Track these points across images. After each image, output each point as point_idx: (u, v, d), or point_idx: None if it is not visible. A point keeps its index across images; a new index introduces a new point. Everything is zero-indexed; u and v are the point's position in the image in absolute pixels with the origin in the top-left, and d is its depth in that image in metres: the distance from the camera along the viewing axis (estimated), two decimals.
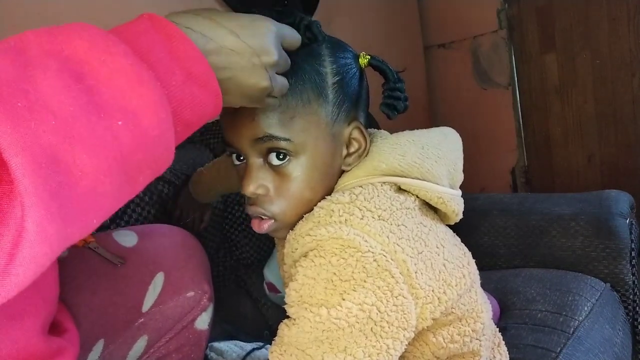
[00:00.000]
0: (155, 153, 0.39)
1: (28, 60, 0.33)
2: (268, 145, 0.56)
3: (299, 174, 0.57)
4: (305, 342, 0.52)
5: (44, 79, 0.33)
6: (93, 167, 0.34)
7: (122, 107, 0.36)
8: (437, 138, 0.65)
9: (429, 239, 0.58)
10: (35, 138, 0.31)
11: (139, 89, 0.36)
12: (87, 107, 0.34)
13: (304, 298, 0.53)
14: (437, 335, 0.60)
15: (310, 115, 0.56)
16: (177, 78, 0.40)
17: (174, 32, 0.41)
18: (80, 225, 0.35)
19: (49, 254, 0.33)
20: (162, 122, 0.38)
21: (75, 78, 0.34)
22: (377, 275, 0.52)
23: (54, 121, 0.32)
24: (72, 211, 0.34)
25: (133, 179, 0.38)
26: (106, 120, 0.35)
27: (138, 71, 0.37)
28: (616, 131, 1.86)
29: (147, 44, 0.39)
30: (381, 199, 0.57)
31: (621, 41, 1.78)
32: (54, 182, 0.32)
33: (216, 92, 0.43)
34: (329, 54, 0.58)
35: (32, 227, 0.31)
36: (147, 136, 0.37)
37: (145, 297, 0.76)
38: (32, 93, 0.32)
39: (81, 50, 0.35)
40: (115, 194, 0.37)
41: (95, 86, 0.35)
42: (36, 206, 0.31)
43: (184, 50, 0.41)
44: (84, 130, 0.33)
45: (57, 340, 0.59)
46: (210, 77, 0.42)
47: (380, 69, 0.63)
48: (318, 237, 0.54)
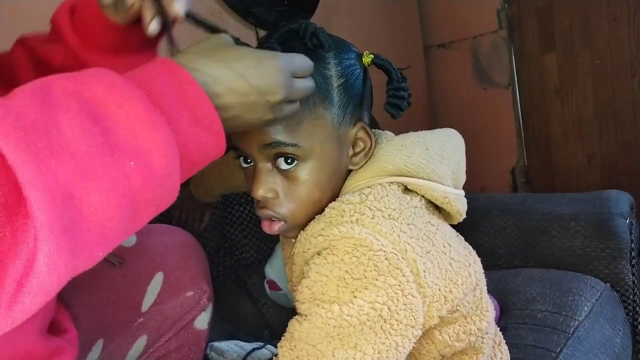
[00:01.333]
0: (161, 192, 0.41)
1: (52, 102, 0.36)
2: (276, 151, 0.57)
3: (307, 177, 0.58)
4: (316, 338, 0.53)
5: (65, 120, 0.36)
6: (103, 204, 0.36)
7: (135, 149, 0.38)
8: (440, 139, 0.65)
9: (437, 238, 0.59)
10: (54, 177, 0.34)
11: (151, 132, 0.39)
12: (103, 148, 0.37)
13: (316, 295, 0.54)
14: (443, 333, 0.61)
15: (316, 119, 0.57)
16: (185, 120, 0.43)
17: (184, 77, 0.44)
18: (87, 258, 0.37)
19: (56, 284, 0.35)
20: (170, 163, 0.41)
21: (93, 120, 0.37)
22: (388, 274, 0.53)
23: (72, 161, 0.35)
24: (81, 244, 0.36)
25: (139, 216, 0.40)
26: (119, 161, 0.37)
27: (152, 116, 0.40)
28: (616, 131, 1.86)
29: (160, 88, 0.42)
30: (390, 198, 0.58)
31: (621, 41, 1.78)
32: (66, 217, 0.34)
33: (220, 134, 0.45)
34: (333, 57, 0.59)
35: (42, 259, 0.33)
36: (156, 176, 0.40)
37: (144, 297, 0.76)
38: (54, 134, 0.35)
39: (100, 93, 0.38)
40: (121, 229, 0.39)
41: (111, 128, 0.38)
42: (49, 240, 0.33)
43: (193, 95, 0.44)
44: (98, 170, 0.36)
45: (56, 340, 0.59)
46: (214, 120, 0.45)
47: (383, 68, 0.63)
48: (330, 237, 0.55)
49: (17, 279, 0.33)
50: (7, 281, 0.33)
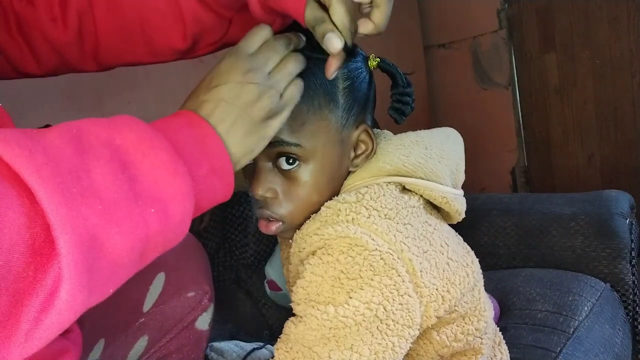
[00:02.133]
0: (172, 236, 0.44)
1: (85, 148, 0.39)
2: (278, 150, 0.56)
3: (307, 179, 0.58)
4: (311, 340, 0.53)
5: (96, 167, 0.38)
6: (122, 246, 0.38)
7: (157, 196, 0.41)
8: (439, 138, 0.65)
9: (434, 238, 0.59)
10: (84, 221, 0.36)
11: (173, 181, 0.42)
12: (128, 194, 0.39)
13: (311, 296, 0.54)
14: (440, 333, 0.61)
15: (320, 120, 0.57)
16: (202, 171, 0.45)
17: (207, 131, 0.47)
18: (100, 294, 0.39)
19: (71, 320, 0.37)
20: (185, 211, 0.43)
21: (121, 167, 0.40)
22: (384, 274, 0.53)
23: (100, 206, 0.37)
24: (98, 283, 0.38)
25: (146, 256, 0.43)
26: (142, 208, 0.40)
27: (175, 166, 0.42)
28: (616, 131, 1.86)
29: (183, 140, 0.45)
30: (387, 198, 0.58)
31: (621, 41, 1.78)
32: (89, 258, 0.36)
33: (230, 182, 0.48)
34: None
35: (64, 297, 0.35)
36: (170, 223, 0.42)
37: (145, 297, 0.76)
38: (86, 180, 0.37)
39: (129, 142, 0.41)
40: (129, 268, 0.41)
41: (137, 176, 0.40)
42: (72, 279, 0.35)
43: (212, 147, 0.46)
44: (123, 216, 0.38)
45: (60, 340, 0.59)
46: (228, 171, 0.47)
47: (389, 73, 0.63)
48: (326, 236, 0.55)
49: (34, 315, 0.34)
50: (23, 318, 0.34)
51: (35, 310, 0.35)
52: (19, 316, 0.34)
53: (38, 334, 0.35)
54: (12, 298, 0.34)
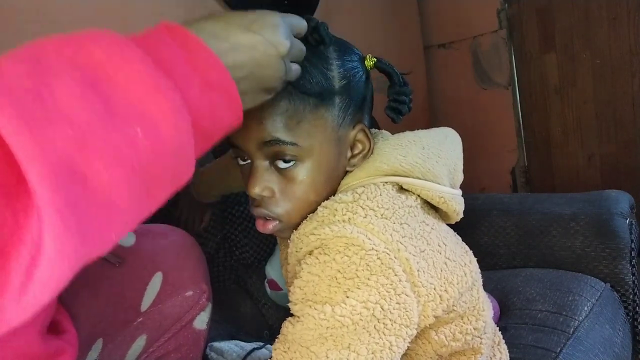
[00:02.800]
0: (174, 164, 0.37)
1: (45, 68, 0.33)
2: (275, 149, 0.56)
3: (304, 177, 0.58)
4: (309, 340, 0.53)
5: (60, 86, 0.32)
6: (110, 177, 0.33)
7: (139, 115, 0.34)
8: (437, 138, 0.65)
9: (431, 238, 0.59)
10: (53, 148, 0.30)
11: (155, 96, 0.35)
12: (103, 115, 0.33)
13: (308, 296, 0.54)
14: (439, 333, 0.61)
15: (317, 119, 0.57)
16: (195, 86, 0.39)
17: (191, 40, 0.40)
18: (99, 241, 0.34)
19: (66, 272, 0.32)
20: (181, 132, 0.37)
21: (91, 85, 0.33)
22: (380, 273, 0.53)
23: (70, 131, 0.31)
24: (91, 225, 0.32)
25: (152, 192, 0.37)
26: (123, 128, 0.33)
27: (154, 77, 0.36)
28: (616, 131, 1.86)
29: (164, 52, 0.38)
30: (384, 198, 0.58)
31: (621, 41, 1.78)
32: (71, 193, 0.31)
33: (235, 99, 0.42)
34: (336, 57, 0.58)
35: (50, 243, 0.30)
36: (166, 146, 0.36)
37: (143, 297, 0.76)
38: (49, 100, 0.31)
39: (97, 57, 0.35)
40: (135, 209, 0.35)
41: (111, 93, 0.34)
42: (54, 220, 0.29)
43: (202, 58, 0.40)
44: (99, 138, 0.32)
45: (56, 341, 0.59)
46: (229, 83, 0.41)
47: (386, 72, 0.63)
48: (322, 236, 0.55)
49: (24, 268, 0.29)
50: (13, 273, 0.29)
51: (25, 262, 0.29)
52: (8, 270, 0.29)
53: (32, 288, 0.30)
54: None
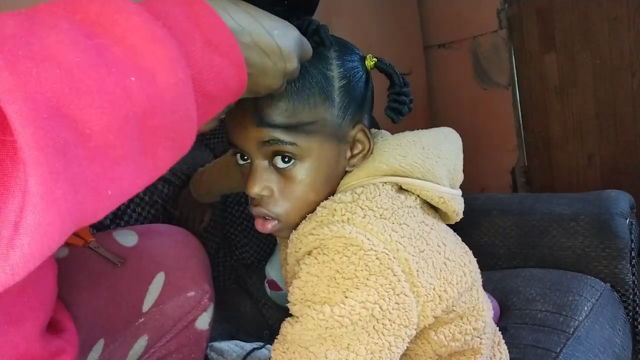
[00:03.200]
0: (173, 119, 0.35)
1: (36, 22, 0.31)
2: (274, 149, 0.56)
3: (303, 177, 0.58)
4: (308, 340, 0.52)
5: (51, 35, 0.30)
6: (102, 125, 0.30)
7: (135, 64, 0.33)
8: (437, 138, 0.65)
9: (430, 238, 0.59)
10: (37, 85, 0.28)
11: (152, 46, 0.33)
12: (97, 61, 0.31)
13: (307, 296, 0.54)
14: (438, 333, 0.61)
15: (316, 119, 0.56)
16: (196, 44, 0.37)
17: (196, 1, 0.39)
18: (92, 194, 0.31)
19: (57, 223, 0.29)
20: (180, 84, 0.35)
21: (85, 36, 0.32)
22: (379, 273, 0.53)
23: (58, 70, 0.29)
24: (82, 175, 0.30)
25: (151, 149, 0.35)
26: (117, 76, 0.32)
27: (151, 28, 0.34)
28: (616, 131, 1.86)
29: (164, 6, 0.37)
30: (383, 198, 0.58)
31: (621, 41, 1.78)
32: (58, 137, 0.28)
33: (239, 62, 0.40)
34: (336, 57, 0.58)
35: (35, 188, 0.27)
36: (164, 97, 0.34)
37: (145, 297, 0.76)
38: (37, 45, 0.29)
39: (93, 12, 0.33)
40: (132, 164, 0.33)
41: (106, 44, 0.32)
42: (38, 162, 0.27)
43: (205, 17, 0.38)
44: (91, 82, 0.30)
45: (56, 340, 0.59)
46: (232, 46, 0.39)
47: (386, 73, 0.63)
48: (321, 236, 0.55)
49: (13, 218, 0.27)
50: (1, 225, 0.27)
51: (14, 212, 0.27)
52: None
53: (19, 241, 0.27)
54: None
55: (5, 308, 0.49)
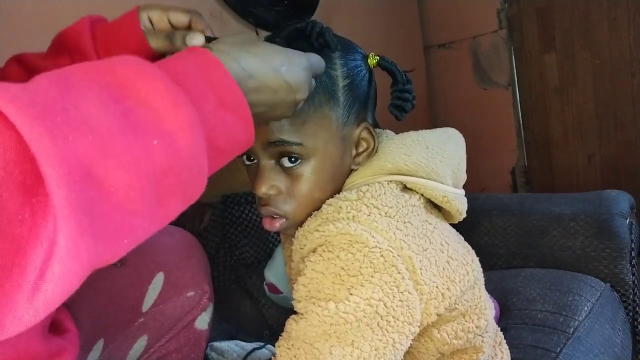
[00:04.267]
0: (187, 176, 0.39)
1: (71, 84, 0.35)
2: (280, 149, 0.57)
3: (309, 176, 0.58)
4: (313, 336, 0.53)
5: (85, 99, 0.34)
6: (125, 183, 0.34)
7: (158, 127, 0.36)
8: (441, 138, 0.66)
9: (434, 237, 0.59)
10: (73, 151, 0.32)
11: (174, 110, 0.37)
12: (125, 125, 0.35)
13: (312, 293, 0.54)
14: (441, 331, 0.61)
15: (321, 119, 0.57)
16: (210, 104, 0.41)
17: (210, 59, 0.43)
18: (111, 245, 0.35)
19: (79, 272, 0.33)
20: (196, 145, 0.38)
21: (113, 99, 0.35)
22: (384, 271, 0.54)
23: (91, 136, 0.33)
24: (103, 229, 0.33)
25: (165, 203, 0.38)
26: (142, 139, 0.35)
27: (174, 94, 0.38)
28: (616, 131, 1.86)
29: (184, 70, 0.41)
30: (387, 196, 0.58)
31: (621, 41, 1.78)
32: (87, 197, 0.32)
33: (248, 120, 0.44)
34: (339, 57, 0.59)
35: (63, 242, 0.31)
36: (181, 157, 0.37)
37: (145, 297, 0.76)
38: (72, 110, 0.33)
39: (121, 76, 0.37)
40: (147, 216, 0.37)
41: (132, 107, 0.36)
42: (68, 220, 0.30)
43: (217, 77, 0.42)
44: (119, 146, 0.34)
45: (57, 340, 0.59)
46: (241, 103, 0.43)
47: (389, 70, 0.64)
48: (326, 233, 0.55)
49: (39, 265, 0.30)
50: (29, 268, 0.30)
51: (41, 259, 0.30)
52: (24, 267, 0.30)
53: (44, 288, 0.31)
54: (11, 245, 0.30)
55: None
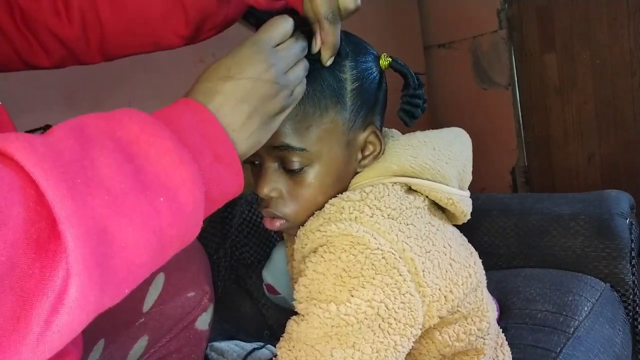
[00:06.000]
0: (187, 228, 0.42)
1: (87, 139, 0.37)
2: (284, 154, 0.56)
3: (312, 181, 0.58)
4: (314, 338, 0.53)
5: (100, 157, 0.37)
6: (135, 239, 0.36)
7: (165, 185, 0.39)
8: (448, 139, 0.65)
9: (437, 239, 0.59)
10: (91, 212, 0.34)
11: (179, 168, 0.40)
12: (136, 185, 0.37)
13: (313, 294, 0.54)
14: (443, 333, 0.61)
15: (326, 123, 0.56)
16: (206, 159, 0.43)
17: (207, 116, 0.45)
18: (114, 294, 0.37)
19: (84, 321, 0.35)
20: (196, 200, 0.41)
21: (126, 158, 0.38)
22: (385, 273, 0.53)
23: (107, 197, 0.35)
24: (110, 281, 0.36)
25: (165, 252, 0.41)
26: (150, 197, 0.38)
27: (180, 153, 0.41)
28: (616, 131, 1.86)
29: (184, 127, 0.43)
30: (391, 198, 0.58)
31: (621, 41, 1.78)
32: (100, 253, 0.34)
33: (239, 172, 0.46)
34: (350, 59, 0.58)
35: (74, 295, 0.33)
36: (183, 213, 0.40)
37: (145, 298, 0.76)
38: (90, 170, 0.36)
39: (132, 132, 0.40)
40: (148, 266, 0.39)
41: (143, 166, 0.39)
42: (82, 276, 0.33)
43: (212, 132, 0.45)
44: (131, 205, 0.37)
45: None
46: (233, 158, 0.45)
47: (401, 73, 0.63)
48: (328, 233, 0.55)
49: (45, 317, 0.32)
50: (33, 320, 0.32)
51: (46, 311, 0.32)
52: (29, 318, 0.32)
53: (50, 337, 0.33)
54: (19, 298, 0.32)
55: None
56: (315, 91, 0.55)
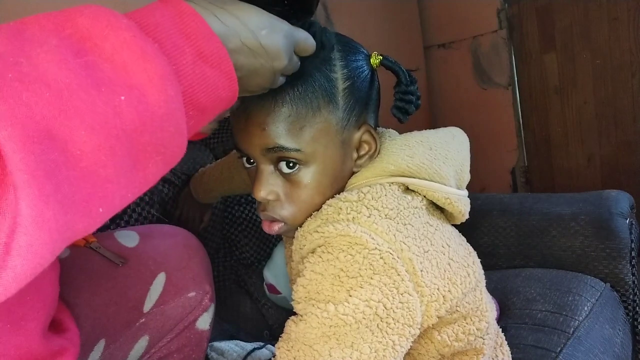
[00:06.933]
0: (164, 135, 0.35)
1: (26, 38, 0.31)
2: (278, 155, 0.56)
3: (309, 181, 0.58)
4: (312, 338, 0.53)
5: (40, 53, 0.30)
6: (93, 145, 0.31)
7: (125, 82, 0.33)
8: (445, 138, 0.65)
9: (435, 238, 0.59)
10: (27, 110, 0.28)
11: (143, 63, 0.34)
12: (86, 81, 0.31)
13: (311, 294, 0.54)
14: (442, 333, 0.61)
15: (320, 123, 0.56)
16: (187, 57, 0.37)
17: (185, 9, 0.38)
18: (83, 213, 0.32)
19: (48, 243, 0.30)
20: (170, 100, 0.35)
21: (74, 53, 0.32)
22: (383, 273, 0.53)
23: (47, 93, 0.29)
24: (72, 196, 0.30)
25: (141, 166, 0.35)
26: (107, 95, 0.32)
27: (141, 45, 0.34)
28: (616, 131, 1.86)
29: (155, 19, 0.37)
30: (388, 198, 0.58)
31: (621, 41, 1.78)
32: (48, 160, 0.29)
33: (230, 73, 0.40)
34: (340, 58, 0.58)
35: (26, 211, 0.28)
36: (154, 114, 0.34)
37: (146, 297, 0.76)
38: (26, 65, 0.29)
39: (83, 27, 0.33)
40: (122, 181, 0.33)
41: (96, 62, 0.32)
42: (29, 186, 0.27)
43: (195, 28, 0.38)
44: (81, 104, 0.30)
45: (58, 340, 0.59)
46: (223, 57, 0.39)
47: (392, 70, 0.63)
48: (326, 234, 0.55)
49: (4, 240, 0.28)
50: None
51: (5, 233, 0.28)
52: None
53: (12, 262, 0.28)
54: None
55: (7, 307, 0.49)
56: (307, 91, 0.55)
